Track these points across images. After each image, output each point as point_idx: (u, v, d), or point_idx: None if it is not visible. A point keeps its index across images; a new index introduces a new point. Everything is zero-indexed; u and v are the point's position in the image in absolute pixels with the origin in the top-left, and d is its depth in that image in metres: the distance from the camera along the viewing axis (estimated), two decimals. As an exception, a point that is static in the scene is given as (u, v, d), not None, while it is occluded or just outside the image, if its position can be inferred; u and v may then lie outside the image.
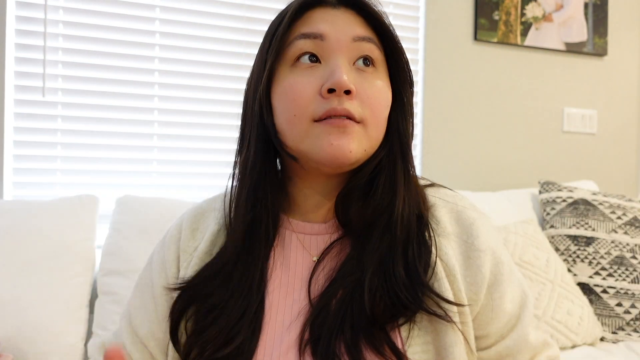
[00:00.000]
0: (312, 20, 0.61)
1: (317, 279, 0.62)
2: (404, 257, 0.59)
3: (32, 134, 1.57)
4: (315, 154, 0.58)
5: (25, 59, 1.56)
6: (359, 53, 0.60)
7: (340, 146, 0.57)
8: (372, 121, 0.59)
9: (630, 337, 1.56)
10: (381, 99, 0.61)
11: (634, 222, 1.71)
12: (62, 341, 1.27)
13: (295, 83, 0.59)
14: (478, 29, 2.08)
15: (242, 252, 0.62)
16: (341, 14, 0.61)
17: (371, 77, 0.61)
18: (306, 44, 0.60)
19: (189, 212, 0.73)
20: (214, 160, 1.74)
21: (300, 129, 0.59)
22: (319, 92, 0.58)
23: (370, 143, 0.60)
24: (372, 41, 0.61)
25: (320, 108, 0.58)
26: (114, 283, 1.37)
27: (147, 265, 0.73)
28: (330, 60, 0.59)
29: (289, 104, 0.59)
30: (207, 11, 1.74)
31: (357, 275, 0.58)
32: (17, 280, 1.27)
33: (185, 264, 0.67)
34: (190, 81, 1.72)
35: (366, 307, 0.56)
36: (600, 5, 2.29)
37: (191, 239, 0.69)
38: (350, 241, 0.62)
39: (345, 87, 0.57)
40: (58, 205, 1.39)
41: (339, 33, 0.60)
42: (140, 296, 0.71)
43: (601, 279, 1.63)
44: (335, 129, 0.57)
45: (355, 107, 0.58)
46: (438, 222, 0.63)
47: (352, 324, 0.56)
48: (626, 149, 2.41)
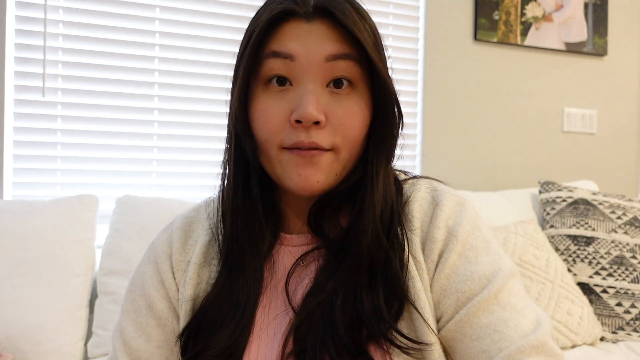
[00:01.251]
0: (283, 35, 0.57)
1: (299, 285, 0.61)
2: (373, 285, 0.58)
3: (32, 134, 1.57)
4: (285, 182, 0.58)
5: (25, 59, 1.56)
6: (332, 74, 0.57)
7: (307, 177, 0.57)
8: (345, 146, 0.58)
9: (630, 337, 1.56)
10: (355, 123, 0.58)
11: (634, 222, 1.71)
12: (62, 341, 1.27)
13: (266, 108, 0.58)
14: (478, 29, 2.08)
15: (236, 272, 0.62)
16: (315, 29, 0.57)
17: (345, 99, 0.58)
18: (276, 64, 0.57)
19: (176, 225, 0.70)
20: (214, 160, 1.74)
21: (270, 154, 0.58)
22: (288, 119, 0.56)
23: (342, 165, 0.59)
24: (348, 57, 0.57)
25: (288, 138, 0.56)
26: (114, 283, 1.37)
27: (131, 290, 0.68)
28: (300, 85, 0.57)
29: (260, 128, 0.58)
30: (207, 11, 1.74)
31: (328, 295, 0.58)
32: (17, 280, 1.27)
33: (182, 282, 0.65)
34: (190, 81, 1.72)
35: (339, 328, 0.55)
36: (600, 5, 2.29)
37: (182, 252, 0.66)
38: (328, 251, 0.62)
39: (312, 120, 0.55)
40: (58, 205, 1.39)
41: (310, 53, 0.56)
42: (137, 324, 0.66)
43: (601, 279, 1.63)
44: (302, 160, 0.56)
45: (324, 137, 0.56)
46: (412, 216, 0.62)
47: (333, 340, 0.55)
48: (626, 149, 2.41)
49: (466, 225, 0.61)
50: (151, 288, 0.66)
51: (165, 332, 0.65)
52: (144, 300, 0.66)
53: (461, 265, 0.59)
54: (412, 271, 0.59)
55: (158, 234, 0.71)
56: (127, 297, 0.68)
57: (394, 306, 0.57)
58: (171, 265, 0.66)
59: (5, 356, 1.18)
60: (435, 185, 0.65)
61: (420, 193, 0.64)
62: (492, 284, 0.57)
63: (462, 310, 0.57)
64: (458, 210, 0.62)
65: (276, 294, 0.63)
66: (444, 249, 0.60)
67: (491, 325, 0.55)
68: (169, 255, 0.67)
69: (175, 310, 0.65)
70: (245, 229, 0.62)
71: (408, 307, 0.58)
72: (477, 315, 0.56)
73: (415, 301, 0.57)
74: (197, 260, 0.65)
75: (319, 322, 0.56)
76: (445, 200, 0.62)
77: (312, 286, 0.59)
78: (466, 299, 0.57)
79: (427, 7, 2.03)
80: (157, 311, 0.65)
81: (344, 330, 0.55)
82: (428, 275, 0.59)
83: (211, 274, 0.64)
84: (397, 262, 0.59)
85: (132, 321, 0.66)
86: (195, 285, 0.64)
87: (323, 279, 0.59)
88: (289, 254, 0.65)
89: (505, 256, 0.62)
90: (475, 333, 0.56)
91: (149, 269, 0.68)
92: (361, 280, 0.58)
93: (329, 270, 0.60)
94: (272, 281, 0.63)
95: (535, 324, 0.56)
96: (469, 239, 0.60)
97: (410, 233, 0.61)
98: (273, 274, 0.64)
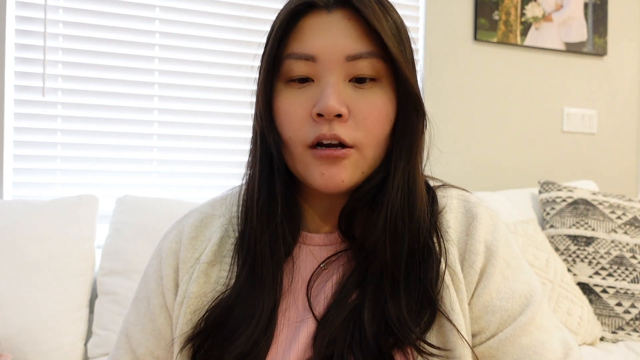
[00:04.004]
0: (304, 32, 0.57)
1: (322, 290, 0.61)
2: (396, 291, 0.57)
3: (32, 134, 1.57)
4: (309, 180, 0.58)
5: (25, 59, 1.56)
6: (353, 72, 0.56)
7: (332, 177, 0.56)
8: (368, 142, 0.57)
9: (630, 337, 1.56)
10: (379, 117, 0.57)
11: (633, 222, 1.71)
12: (62, 341, 1.27)
13: (288, 105, 0.57)
14: (478, 29, 2.08)
15: (255, 277, 0.60)
16: (335, 21, 0.56)
17: (368, 93, 0.57)
18: (297, 65, 0.56)
19: (190, 218, 0.69)
20: (214, 160, 1.74)
21: (295, 153, 0.58)
22: (310, 113, 0.56)
23: (368, 164, 0.58)
24: (370, 55, 0.56)
25: (311, 133, 0.56)
26: (113, 283, 1.37)
27: (142, 279, 0.70)
28: (322, 79, 0.56)
29: (283, 125, 0.58)
30: (207, 11, 1.74)
31: (359, 301, 0.57)
32: (17, 280, 1.27)
33: (186, 278, 0.64)
34: (190, 81, 1.72)
35: (367, 335, 0.55)
36: (600, 5, 2.29)
37: (191, 249, 0.66)
38: (355, 254, 0.61)
39: (334, 112, 0.54)
40: (58, 205, 1.39)
41: (332, 52, 0.55)
42: (137, 312, 0.68)
43: (601, 279, 1.63)
44: (325, 160, 0.56)
45: (346, 131, 0.55)
46: (448, 227, 0.62)
47: (360, 346, 0.55)
48: (626, 149, 2.41)
49: (502, 241, 0.62)
50: (152, 282, 0.68)
51: (154, 327, 0.66)
52: (145, 292, 0.68)
53: (503, 283, 0.60)
54: (447, 281, 0.59)
55: (170, 227, 0.71)
56: (139, 284, 0.70)
57: (425, 315, 0.57)
58: (176, 261, 0.66)
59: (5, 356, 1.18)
60: (467, 196, 0.66)
61: (454, 203, 0.64)
62: (531, 306, 0.60)
63: (506, 330, 0.59)
64: (493, 225, 0.63)
65: (297, 298, 0.62)
66: (486, 264, 0.60)
67: (531, 347, 0.58)
68: (175, 252, 0.66)
69: (167, 309, 0.66)
70: (266, 232, 0.60)
71: (440, 316, 0.58)
72: (520, 335, 0.59)
73: (449, 313, 0.57)
74: (207, 259, 0.64)
75: (345, 330, 0.56)
76: (481, 213, 0.63)
77: (337, 295, 0.59)
78: (509, 318, 0.59)
79: (427, 7, 2.03)
80: (151, 306, 0.67)
81: (372, 337, 0.55)
82: (467, 288, 0.60)
83: (222, 273, 0.63)
84: (434, 273, 0.58)
85: (135, 308, 0.69)
86: (203, 283, 0.63)
87: (349, 287, 0.59)
88: (310, 255, 0.64)
89: (532, 272, 0.65)
90: (516, 353, 0.58)
91: (155, 262, 0.68)
92: (385, 286, 0.57)
93: (355, 277, 0.59)
94: (292, 283, 0.62)
95: (564, 345, 0.60)
96: (507, 256, 0.62)
97: (447, 243, 0.61)
98: (293, 276, 0.63)
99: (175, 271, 0.66)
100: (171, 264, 0.66)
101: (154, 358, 0.67)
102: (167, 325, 0.66)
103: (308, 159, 0.57)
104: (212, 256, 0.64)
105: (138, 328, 0.67)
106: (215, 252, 0.64)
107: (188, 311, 0.62)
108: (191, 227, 0.67)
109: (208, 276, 0.63)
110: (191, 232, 0.67)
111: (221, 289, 0.62)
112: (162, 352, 0.66)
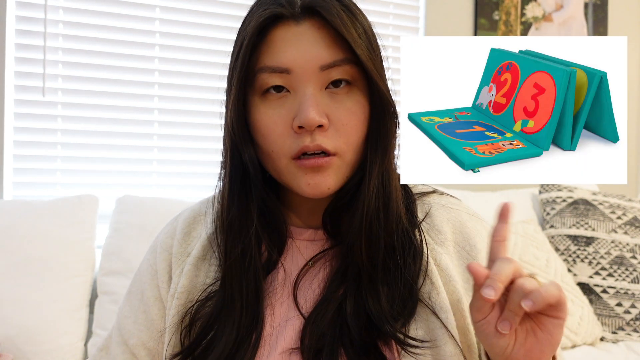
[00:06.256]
0: (274, 44, 0.57)
1: (309, 287, 0.62)
2: (387, 285, 0.59)
3: (32, 134, 1.57)
4: (295, 189, 0.59)
5: (25, 59, 1.56)
6: (328, 79, 0.57)
7: (318, 185, 0.57)
8: (348, 147, 0.58)
9: (630, 337, 1.56)
10: (357, 122, 0.58)
11: (634, 222, 1.71)
12: (62, 341, 1.28)
13: (266, 118, 0.58)
14: (478, 29, 2.08)
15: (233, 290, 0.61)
16: (305, 31, 0.56)
17: (345, 99, 0.58)
18: (271, 79, 0.57)
19: (183, 215, 0.71)
20: (214, 160, 1.74)
21: (279, 165, 0.58)
22: (290, 126, 0.57)
23: (350, 168, 0.60)
24: (343, 62, 0.57)
25: (295, 145, 0.56)
26: (114, 283, 1.37)
27: (137, 273, 0.72)
28: (299, 90, 0.56)
29: (264, 140, 0.58)
30: (207, 11, 1.74)
31: (343, 297, 0.59)
32: (17, 280, 1.27)
33: (178, 271, 0.66)
34: (190, 81, 1.72)
35: (352, 329, 0.57)
36: (600, 5, 2.29)
37: (184, 243, 0.68)
38: (339, 252, 0.62)
39: (315, 124, 0.55)
40: (58, 205, 1.39)
41: (306, 64, 0.56)
42: (130, 305, 0.70)
43: (601, 279, 1.63)
44: (310, 170, 0.57)
45: (328, 140, 0.56)
46: (439, 231, 0.63)
47: (349, 340, 0.57)
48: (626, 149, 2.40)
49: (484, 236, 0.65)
50: (146, 275, 0.69)
51: (147, 318, 0.68)
52: (139, 286, 0.70)
53: None
54: (433, 277, 0.60)
55: (166, 224, 0.73)
56: (132, 278, 0.73)
57: (406, 307, 0.59)
58: (169, 256, 0.68)
59: (5, 356, 1.18)
60: (452, 201, 0.68)
61: (442, 207, 0.66)
62: None
63: None
64: (483, 230, 0.66)
65: (284, 296, 0.63)
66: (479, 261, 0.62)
67: None
68: (169, 247, 0.69)
69: (162, 302, 0.68)
70: (239, 246, 0.61)
71: (426, 311, 0.59)
72: None
73: (433, 306, 0.59)
74: (198, 254, 0.66)
75: (333, 325, 0.58)
76: (471, 220, 0.65)
77: (324, 291, 0.61)
78: None
79: (427, 7, 2.03)
80: (145, 298, 0.69)
81: (356, 332, 0.57)
82: (467, 287, 0.61)
83: (211, 267, 0.65)
84: (416, 267, 0.60)
85: (129, 302, 0.71)
86: (193, 277, 0.65)
87: (335, 284, 0.60)
88: (297, 251, 0.65)
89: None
90: None
91: (150, 257, 0.71)
92: (364, 282, 0.59)
93: (340, 274, 0.61)
94: (279, 281, 0.64)
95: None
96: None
97: (434, 244, 0.63)
98: (280, 273, 0.64)
99: (169, 265, 0.68)
100: (165, 258, 0.68)
101: (146, 349, 0.68)
102: (160, 316, 0.67)
103: (293, 170, 0.58)
104: (202, 251, 0.66)
105: (131, 320, 0.69)
106: (205, 247, 0.66)
107: (179, 303, 0.64)
108: (184, 223, 0.70)
109: (198, 270, 0.65)
110: (184, 228, 0.69)
111: (210, 281, 0.64)
112: (154, 344, 0.67)
